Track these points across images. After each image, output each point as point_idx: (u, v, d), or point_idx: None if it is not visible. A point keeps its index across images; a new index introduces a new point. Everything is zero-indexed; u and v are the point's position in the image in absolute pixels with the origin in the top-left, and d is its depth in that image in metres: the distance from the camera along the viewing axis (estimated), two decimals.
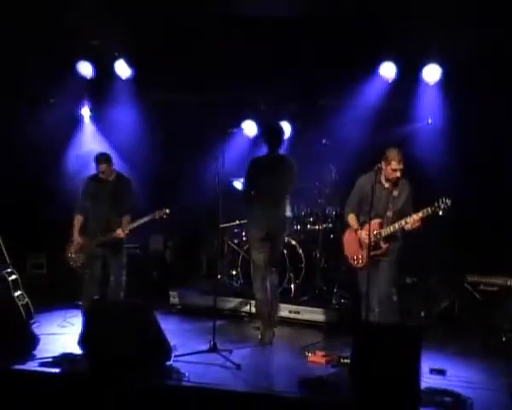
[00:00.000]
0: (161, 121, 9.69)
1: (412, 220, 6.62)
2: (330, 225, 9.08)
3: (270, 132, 7.40)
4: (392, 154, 6.75)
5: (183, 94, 9.67)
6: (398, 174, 6.79)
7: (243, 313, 8.50)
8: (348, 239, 7.23)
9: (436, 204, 6.43)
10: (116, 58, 9.22)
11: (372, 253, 6.78)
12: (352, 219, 7.11)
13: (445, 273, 8.76)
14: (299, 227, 9.21)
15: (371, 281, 6.77)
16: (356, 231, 7.03)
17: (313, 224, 9.15)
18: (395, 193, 6.88)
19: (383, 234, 6.83)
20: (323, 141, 8.82)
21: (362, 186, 6.95)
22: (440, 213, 6.41)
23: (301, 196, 9.23)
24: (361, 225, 6.96)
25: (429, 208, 6.49)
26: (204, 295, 8.54)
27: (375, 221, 6.86)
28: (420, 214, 6.59)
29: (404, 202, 6.84)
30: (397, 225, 6.77)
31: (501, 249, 8.31)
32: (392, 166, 6.76)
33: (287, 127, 9.58)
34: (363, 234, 6.82)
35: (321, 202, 8.99)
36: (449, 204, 6.37)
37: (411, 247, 7.14)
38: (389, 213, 6.83)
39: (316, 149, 8.94)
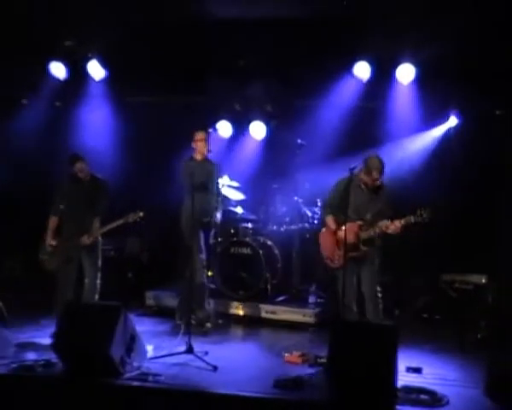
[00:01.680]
0: (135, 123, 9.61)
1: (394, 227, 6.65)
2: (306, 224, 9.01)
3: None
4: (373, 163, 6.79)
5: (157, 95, 9.65)
6: (379, 183, 6.83)
7: (219, 314, 8.36)
8: (325, 239, 7.26)
9: (419, 214, 6.50)
10: (89, 59, 9.10)
11: (350, 254, 6.77)
12: (330, 220, 7.14)
13: (421, 272, 8.82)
14: (275, 227, 9.15)
15: (349, 281, 6.82)
16: (335, 231, 7.03)
17: (289, 224, 9.08)
18: (374, 196, 6.92)
19: (363, 237, 6.84)
20: (299, 141, 8.80)
21: (342, 188, 6.92)
22: (423, 221, 6.51)
23: (277, 196, 9.23)
24: (340, 225, 6.92)
25: (412, 217, 6.54)
26: (179, 296, 8.33)
27: (355, 223, 6.87)
28: (402, 222, 6.62)
29: (384, 203, 6.86)
30: (377, 230, 6.79)
31: (475, 249, 8.40)
32: (373, 176, 6.81)
33: (261, 128, 9.62)
34: (343, 235, 6.73)
35: (297, 203, 8.93)
36: (429, 215, 6.47)
37: (387, 246, 7.19)
38: (369, 216, 6.86)
39: (291, 149, 8.91)
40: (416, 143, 8.85)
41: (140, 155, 9.70)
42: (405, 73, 8.58)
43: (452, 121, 8.80)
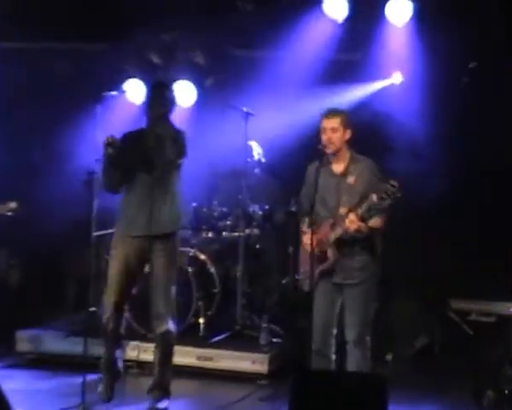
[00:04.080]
0: (8, 76, 9.46)
1: (347, 222, 6.49)
2: (256, 230, 9.08)
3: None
4: (323, 111, 6.79)
5: (40, 40, 9.59)
6: (326, 136, 6.66)
7: (129, 362, 8.18)
8: (302, 251, 7.06)
9: (383, 192, 6.33)
10: None
11: (320, 267, 6.65)
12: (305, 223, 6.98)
13: (421, 298, 8.90)
14: (210, 235, 9.20)
15: (323, 310, 6.71)
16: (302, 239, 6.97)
17: (231, 230, 9.14)
18: (350, 180, 6.71)
19: (330, 239, 6.66)
20: (244, 109, 8.81)
21: (308, 175, 6.89)
22: (388, 201, 6.30)
23: (213, 189, 9.41)
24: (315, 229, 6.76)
25: (374, 196, 6.35)
26: (70, 336, 8.32)
27: (327, 222, 6.71)
28: (359, 212, 6.44)
29: (365, 190, 6.62)
30: (340, 228, 6.60)
31: (498, 263, 8.45)
32: (321, 124, 6.71)
33: (190, 90, 9.65)
34: (306, 239, 6.70)
35: (242, 199, 8.96)
36: (395, 187, 6.27)
37: None
38: (343, 210, 6.65)
39: (234, 121, 8.95)
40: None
41: (15, 122, 9.64)
42: (399, 9, 8.59)
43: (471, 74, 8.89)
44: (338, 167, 6.73)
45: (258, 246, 9.10)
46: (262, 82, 9.13)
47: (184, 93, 9.58)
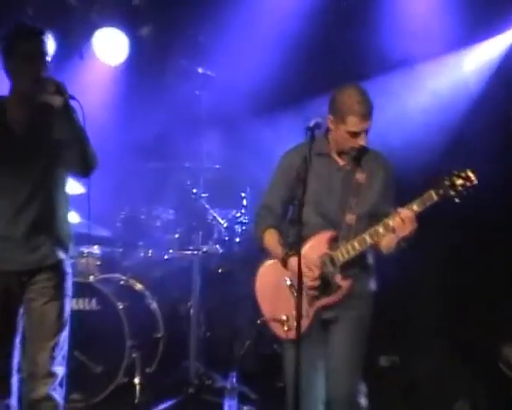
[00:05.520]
0: None
1: (398, 220, 6.14)
2: (218, 247, 9.16)
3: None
4: (347, 98, 6.33)
5: None
6: (363, 142, 6.36)
7: None
8: (266, 283, 6.73)
9: (447, 182, 6.08)
10: None
11: (322, 302, 6.29)
12: (271, 238, 6.65)
13: (460, 345, 8.82)
14: (150, 253, 9.25)
15: (314, 364, 6.35)
16: (284, 259, 6.51)
17: (181, 246, 9.13)
18: (360, 177, 6.48)
19: (340, 259, 6.33)
20: (200, 70, 8.92)
21: (291, 169, 6.47)
22: (457, 199, 6.06)
23: (154, 186, 9.58)
24: (291, 246, 6.38)
25: (433, 192, 6.09)
26: None
27: (323, 235, 6.38)
28: (414, 207, 6.14)
29: (380, 194, 6.50)
30: (368, 238, 6.33)
31: None
32: (349, 127, 6.31)
33: (120, 41, 9.76)
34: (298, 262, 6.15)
35: (197, 200, 8.97)
36: (473, 179, 6.01)
37: (387, 292, 6.92)
38: (350, 218, 6.45)
39: (184, 86, 9.15)
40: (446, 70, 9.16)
41: None
42: None
43: None
44: (342, 158, 6.50)
45: (220, 270, 9.16)
46: (227, 30, 9.30)
47: (112, 46, 9.75)
